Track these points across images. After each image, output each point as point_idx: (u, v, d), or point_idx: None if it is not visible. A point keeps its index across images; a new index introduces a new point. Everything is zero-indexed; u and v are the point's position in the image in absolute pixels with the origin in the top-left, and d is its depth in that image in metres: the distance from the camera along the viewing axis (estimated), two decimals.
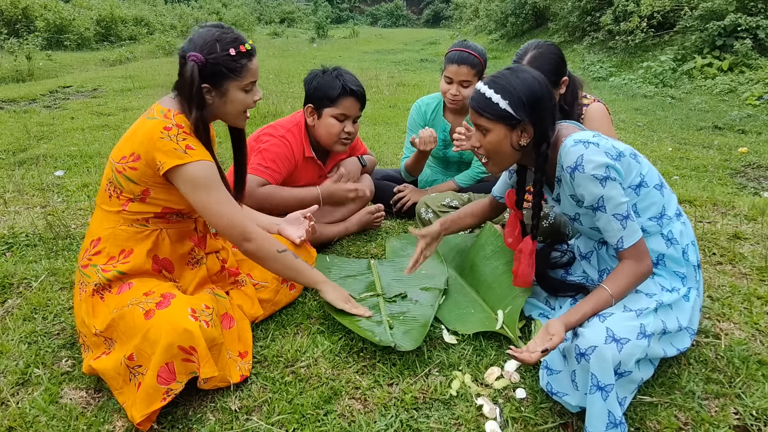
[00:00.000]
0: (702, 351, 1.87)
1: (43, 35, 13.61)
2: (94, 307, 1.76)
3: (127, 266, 1.79)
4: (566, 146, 1.71)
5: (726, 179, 4.55)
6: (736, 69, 8.85)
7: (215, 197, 1.75)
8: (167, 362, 1.56)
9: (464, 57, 2.76)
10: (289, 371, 1.83)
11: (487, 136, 1.77)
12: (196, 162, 1.71)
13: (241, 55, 1.76)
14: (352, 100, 2.52)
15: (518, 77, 1.72)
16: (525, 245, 1.92)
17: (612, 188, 1.65)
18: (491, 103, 1.72)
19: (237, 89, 1.79)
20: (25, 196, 3.48)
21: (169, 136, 1.71)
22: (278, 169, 2.53)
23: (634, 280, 1.69)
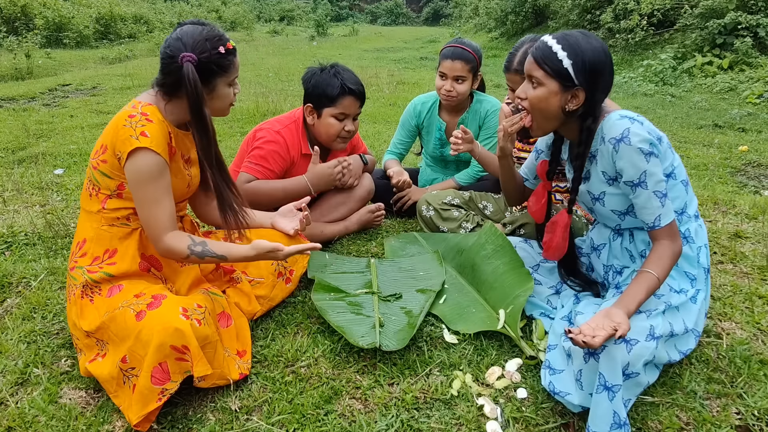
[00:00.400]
0: (703, 351, 1.87)
1: (42, 33, 13.56)
2: (83, 309, 1.75)
3: (114, 267, 1.78)
4: (611, 119, 1.68)
5: (726, 178, 4.54)
6: (737, 67, 8.84)
7: (149, 194, 1.71)
8: (160, 362, 1.55)
9: (458, 52, 2.76)
10: (290, 371, 1.82)
11: (537, 89, 1.72)
12: (142, 150, 1.68)
13: (228, 52, 1.79)
14: (351, 99, 2.52)
15: (589, 42, 1.66)
16: (561, 217, 1.87)
17: (654, 165, 1.63)
18: (554, 58, 1.66)
19: (224, 85, 1.82)
20: (25, 194, 3.47)
21: (131, 123, 1.70)
22: (270, 167, 2.52)
23: (673, 260, 1.66)
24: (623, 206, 1.78)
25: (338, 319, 1.96)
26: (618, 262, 1.88)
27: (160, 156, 1.70)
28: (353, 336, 1.87)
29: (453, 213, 2.69)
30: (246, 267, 2.13)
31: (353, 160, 2.80)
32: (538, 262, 2.13)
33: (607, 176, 1.75)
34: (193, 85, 1.71)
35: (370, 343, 1.83)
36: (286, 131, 2.56)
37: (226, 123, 5.97)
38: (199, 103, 1.73)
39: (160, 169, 1.71)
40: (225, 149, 4.86)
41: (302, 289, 2.32)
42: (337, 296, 2.11)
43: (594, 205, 1.86)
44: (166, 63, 1.75)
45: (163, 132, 1.74)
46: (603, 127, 1.70)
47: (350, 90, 2.49)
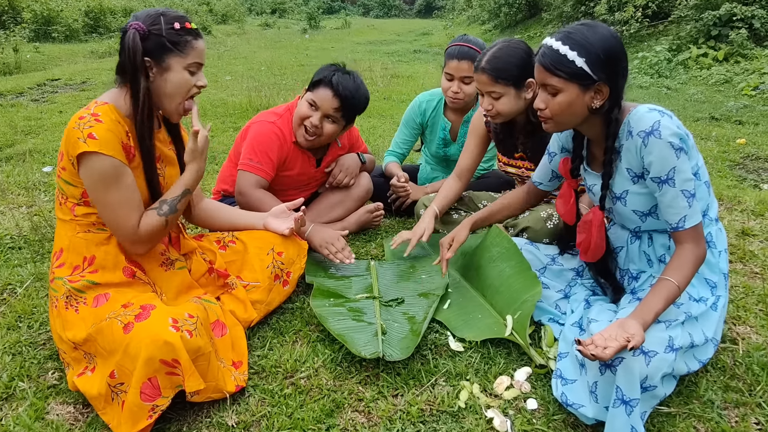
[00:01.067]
0: (719, 357, 1.80)
1: (30, 27, 13.32)
2: (67, 319, 1.66)
3: (97, 275, 1.70)
4: (639, 112, 1.59)
5: (726, 171, 4.49)
6: (732, 59, 8.79)
7: (109, 199, 1.63)
8: (150, 377, 1.46)
9: (464, 52, 2.66)
10: (289, 383, 1.74)
11: (556, 97, 1.62)
12: (91, 154, 1.58)
13: (186, 31, 1.69)
14: (328, 92, 2.39)
15: (595, 32, 1.56)
16: (595, 216, 1.76)
17: (684, 162, 1.54)
18: (566, 60, 1.56)
19: (180, 67, 1.70)
20: (10, 195, 3.36)
21: (79, 126, 1.60)
22: (271, 159, 2.45)
23: (696, 266, 1.57)
24: (646, 206, 1.69)
25: (339, 326, 1.88)
26: (635, 267, 1.81)
27: (111, 158, 1.60)
28: (355, 345, 1.79)
29: (453, 216, 2.61)
30: (241, 271, 2.05)
31: (350, 159, 2.72)
32: (545, 265, 2.06)
33: (632, 173, 1.66)
34: (131, 51, 1.62)
35: (372, 353, 1.75)
36: (281, 121, 2.50)
37: (218, 118, 5.87)
38: (135, 73, 1.63)
39: (115, 171, 1.62)
40: (218, 145, 4.77)
41: (300, 293, 2.24)
42: (336, 302, 2.03)
43: (615, 205, 1.77)
44: (121, 41, 1.66)
45: (116, 131, 1.63)
46: (630, 120, 1.61)
47: (332, 84, 2.39)
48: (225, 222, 2.19)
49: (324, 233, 2.39)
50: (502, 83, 2.13)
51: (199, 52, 1.72)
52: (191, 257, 1.99)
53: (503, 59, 2.12)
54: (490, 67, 2.12)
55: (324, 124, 2.44)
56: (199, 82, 1.75)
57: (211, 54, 12.20)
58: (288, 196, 2.59)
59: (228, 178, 2.62)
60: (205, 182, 3.58)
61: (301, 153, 2.56)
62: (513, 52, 2.14)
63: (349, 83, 2.41)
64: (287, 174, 2.56)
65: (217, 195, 2.70)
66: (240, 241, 2.11)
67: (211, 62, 10.80)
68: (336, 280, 2.23)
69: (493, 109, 2.18)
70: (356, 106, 2.45)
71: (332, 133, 2.48)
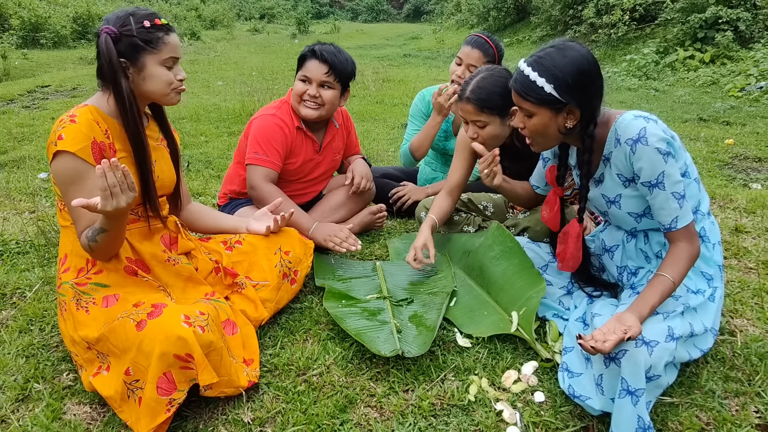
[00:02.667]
0: (719, 349, 1.86)
1: (18, 33, 13.25)
2: (79, 320, 1.69)
3: (103, 276, 1.73)
4: (625, 120, 1.65)
5: (715, 171, 4.57)
6: (718, 61, 8.93)
7: (73, 197, 1.62)
8: (165, 372, 1.49)
9: (479, 42, 2.74)
10: (302, 380, 1.78)
11: (531, 119, 1.70)
12: (59, 154, 1.61)
13: (157, 28, 1.71)
14: (315, 63, 2.49)
15: (565, 56, 1.62)
16: (572, 228, 1.84)
17: (672, 165, 1.60)
18: (535, 87, 1.63)
19: (155, 63, 1.72)
20: (13, 200, 3.37)
21: (56, 129, 1.64)
22: (276, 150, 2.51)
23: (691, 262, 1.63)
24: (640, 208, 1.75)
25: (355, 327, 1.92)
26: (632, 263, 1.86)
27: (74, 157, 1.62)
28: (374, 344, 1.83)
29: (453, 217, 2.65)
30: (249, 271, 2.08)
31: (362, 164, 2.77)
32: (547, 262, 2.11)
33: (623, 178, 1.73)
34: (106, 55, 1.64)
35: (392, 350, 1.78)
36: (280, 112, 2.57)
37: (212, 123, 5.88)
38: (114, 75, 1.66)
39: (76, 171, 1.63)
40: (212, 150, 4.79)
41: (308, 294, 2.28)
42: (348, 302, 2.07)
43: (609, 209, 1.83)
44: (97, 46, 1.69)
45: (89, 132, 1.65)
46: (617, 128, 1.67)
47: (314, 52, 2.49)
48: (209, 224, 2.22)
49: (326, 228, 2.46)
50: (486, 113, 2.15)
51: (172, 47, 1.74)
52: (195, 256, 2.02)
53: (487, 89, 2.14)
54: (475, 97, 2.14)
55: (321, 92, 2.52)
56: (178, 75, 1.78)
57: (202, 60, 12.20)
58: (293, 191, 2.64)
59: (236, 178, 2.65)
60: (207, 187, 3.61)
61: (305, 138, 2.62)
62: (497, 81, 2.15)
63: (331, 48, 2.52)
64: (293, 164, 2.60)
65: (224, 198, 2.73)
66: (247, 242, 2.14)
67: (202, 68, 10.81)
68: (345, 282, 2.26)
69: (479, 138, 2.21)
70: (345, 67, 2.53)
71: (333, 99, 2.55)
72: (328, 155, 2.74)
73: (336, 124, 2.74)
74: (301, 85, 2.52)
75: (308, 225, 2.46)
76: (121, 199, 1.50)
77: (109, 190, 1.47)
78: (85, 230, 1.66)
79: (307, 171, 2.68)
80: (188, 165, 4.34)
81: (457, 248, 2.40)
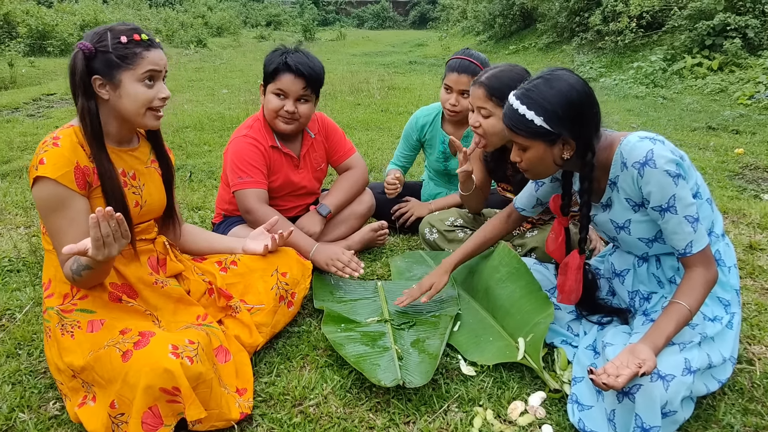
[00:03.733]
0: (737, 379, 1.77)
1: (25, 41, 13.31)
2: (64, 346, 1.63)
3: (88, 302, 1.67)
4: (630, 142, 1.57)
5: (725, 182, 4.48)
6: (726, 68, 8.84)
7: (51, 224, 1.59)
8: (150, 406, 1.43)
9: (465, 65, 2.66)
10: (298, 411, 1.70)
11: (526, 153, 1.65)
12: (39, 180, 1.56)
13: (135, 44, 1.62)
14: (291, 77, 2.38)
15: (552, 87, 1.57)
16: (572, 259, 1.77)
17: (683, 188, 1.52)
18: (525, 120, 1.58)
19: (132, 80, 1.63)
20: (8, 215, 3.31)
21: (39, 151, 1.58)
22: (258, 168, 2.43)
23: (708, 289, 1.55)
24: (651, 233, 1.67)
25: (355, 352, 1.83)
26: (645, 288, 1.78)
27: (56, 183, 1.55)
28: (374, 373, 1.74)
29: (458, 234, 2.58)
30: (244, 294, 2.01)
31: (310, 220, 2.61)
32: (555, 285, 2.02)
33: (632, 202, 1.65)
34: (74, 71, 1.59)
35: (393, 380, 1.70)
36: (252, 131, 2.48)
37: (216, 132, 5.83)
38: (75, 92, 1.61)
39: (57, 198, 1.57)
40: (216, 159, 4.73)
41: (306, 316, 2.20)
42: (348, 326, 1.99)
43: (618, 234, 1.75)
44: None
45: (71, 156, 1.59)
46: (622, 151, 1.60)
47: (289, 66, 2.37)
48: (203, 246, 2.15)
49: (328, 251, 2.36)
50: (494, 102, 2.14)
51: (150, 61, 1.64)
52: (187, 278, 1.96)
53: (502, 80, 2.13)
54: (488, 83, 2.14)
55: (298, 106, 2.44)
56: (160, 94, 1.68)
57: (207, 67, 12.19)
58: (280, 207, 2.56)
59: (226, 196, 2.59)
60: (207, 200, 3.54)
61: (282, 155, 2.54)
62: (514, 76, 2.13)
63: (303, 59, 2.42)
64: (275, 181, 2.53)
65: (219, 216, 2.67)
66: (242, 263, 2.08)
67: (208, 75, 10.79)
68: (345, 303, 2.19)
69: (480, 127, 2.19)
70: (319, 78, 2.45)
71: (309, 112, 2.48)
72: (310, 167, 2.66)
73: (311, 134, 2.64)
74: (277, 101, 2.42)
75: (309, 247, 2.37)
76: (113, 248, 1.45)
77: (102, 240, 1.41)
78: (69, 261, 1.59)
79: (290, 187, 2.59)
80: (191, 175, 4.29)
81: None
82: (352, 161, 2.78)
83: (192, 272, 1.98)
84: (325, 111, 7.10)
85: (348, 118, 6.47)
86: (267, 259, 2.09)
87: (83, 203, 1.62)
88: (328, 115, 2.75)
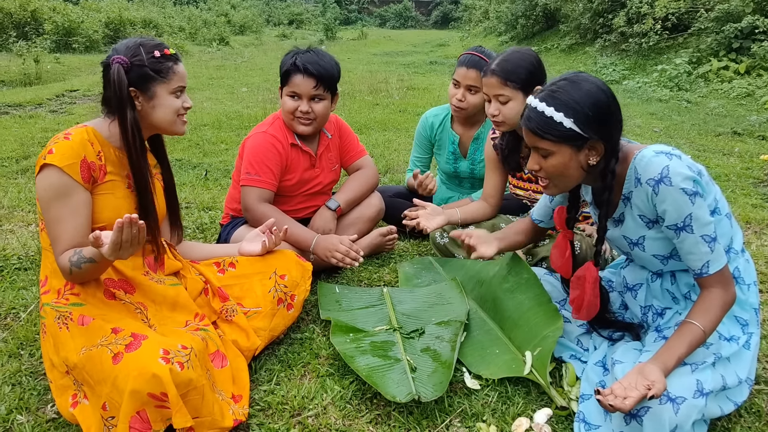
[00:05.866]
0: (754, 401, 1.69)
1: (51, 38, 13.51)
2: (61, 340, 1.62)
3: (79, 297, 1.67)
4: (645, 157, 1.50)
5: (749, 189, 4.36)
6: (754, 72, 8.64)
7: (52, 212, 1.61)
8: (138, 411, 1.41)
9: (475, 61, 2.62)
10: (296, 421, 1.66)
11: (549, 159, 1.55)
12: (46, 167, 1.59)
13: (166, 58, 1.74)
14: (300, 77, 2.39)
15: (580, 88, 1.49)
16: (589, 272, 1.68)
17: (700, 206, 1.45)
18: (553, 123, 1.49)
19: (165, 93, 1.75)
20: (21, 212, 3.33)
21: (49, 144, 1.63)
22: (270, 169, 2.42)
23: (724, 311, 1.48)
24: (666, 250, 1.60)
25: (366, 365, 1.78)
26: (658, 303, 1.71)
27: (61, 172, 1.60)
28: (387, 387, 1.68)
29: None
30: (242, 298, 1.98)
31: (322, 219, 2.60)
32: (566, 297, 1.96)
33: (646, 219, 1.57)
34: (117, 85, 1.66)
35: (407, 395, 1.64)
36: (272, 129, 2.49)
37: (234, 131, 5.85)
38: (121, 105, 1.67)
39: (62, 187, 1.61)
40: (233, 158, 4.73)
41: (310, 323, 2.16)
42: (356, 336, 1.94)
43: (632, 250, 1.67)
44: (104, 75, 1.71)
45: (80, 150, 1.63)
46: (636, 166, 1.52)
47: (297, 67, 2.38)
48: (200, 254, 2.17)
49: (326, 241, 2.36)
50: (511, 86, 2.13)
51: (181, 76, 1.77)
52: (184, 276, 1.96)
53: (513, 62, 2.13)
54: (500, 69, 2.13)
55: (312, 106, 2.43)
56: (185, 103, 1.80)
57: (228, 65, 12.26)
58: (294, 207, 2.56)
59: (236, 195, 2.57)
60: (219, 200, 3.53)
61: (300, 153, 2.53)
62: (523, 56, 2.15)
63: (313, 58, 2.41)
64: (289, 180, 2.52)
65: (227, 217, 2.65)
66: (241, 265, 2.06)
67: (228, 73, 10.85)
68: (351, 312, 2.14)
69: (500, 115, 2.17)
70: (332, 74, 2.44)
71: (325, 110, 2.48)
72: (325, 167, 2.64)
73: (328, 134, 2.63)
74: (292, 102, 2.44)
75: (309, 240, 2.37)
76: (127, 252, 1.51)
77: (120, 244, 1.47)
78: (67, 252, 1.61)
79: (305, 186, 2.58)
80: (206, 174, 4.29)
81: (470, 277, 2.25)
82: (363, 162, 2.77)
83: (189, 271, 1.98)
84: (343, 110, 7.09)
85: (366, 118, 6.43)
86: (265, 261, 2.08)
87: (86, 196, 1.66)
88: (347, 115, 2.75)
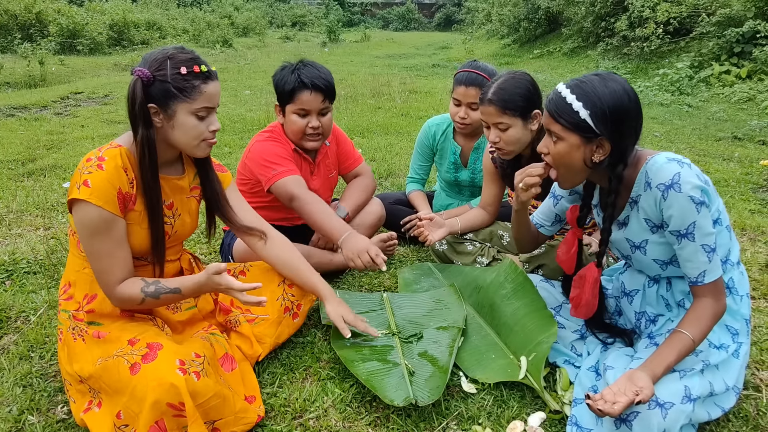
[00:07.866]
0: (742, 406, 1.74)
1: (56, 40, 13.61)
2: (75, 351, 1.67)
3: (93, 315, 1.70)
4: (657, 162, 1.54)
5: (748, 194, 4.39)
6: (755, 76, 8.66)
7: (95, 248, 1.59)
8: (156, 420, 1.45)
9: (472, 78, 2.66)
10: (297, 423, 1.71)
11: (558, 144, 1.60)
12: (81, 203, 1.55)
13: (194, 76, 1.61)
14: (308, 94, 2.40)
15: (606, 86, 1.53)
16: (590, 272, 1.74)
17: (704, 216, 1.50)
18: (570, 109, 1.54)
19: (186, 113, 1.62)
20: (29, 216, 3.39)
21: (82, 169, 1.58)
22: (288, 159, 2.45)
23: (714, 321, 1.53)
24: (667, 255, 1.65)
25: (365, 370, 1.83)
26: (652, 310, 1.76)
27: (100, 209, 1.56)
28: (385, 391, 1.73)
29: (467, 247, 2.57)
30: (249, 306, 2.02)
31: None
32: (561, 303, 2.01)
33: (651, 223, 1.62)
34: (132, 99, 1.58)
35: (405, 398, 1.69)
36: (275, 134, 2.53)
37: (237, 134, 5.89)
38: (134, 121, 1.60)
39: (102, 223, 1.57)
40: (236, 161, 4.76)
41: (311, 327, 2.22)
42: (356, 341, 1.99)
43: (634, 253, 1.72)
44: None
45: (115, 181, 1.59)
46: (648, 171, 1.57)
47: (305, 84, 2.39)
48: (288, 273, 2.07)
49: (356, 243, 2.22)
50: (509, 114, 2.15)
51: (208, 96, 1.64)
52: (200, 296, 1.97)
53: (509, 90, 2.14)
54: (497, 98, 2.14)
55: (321, 120, 2.47)
56: (211, 126, 1.68)
57: (232, 68, 12.32)
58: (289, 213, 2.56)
59: None
60: None
61: (301, 159, 2.57)
62: (518, 83, 2.15)
63: (315, 73, 2.43)
64: None
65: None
66: (251, 274, 2.10)
67: (232, 76, 10.90)
68: None
69: (501, 141, 2.19)
70: (333, 86, 2.48)
71: (330, 123, 2.53)
72: (323, 174, 2.68)
73: (326, 142, 2.67)
74: (301, 121, 2.44)
75: (340, 233, 2.28)
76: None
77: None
78: (132, 283, 1.63)
79: None
80: None
81: (468, 283, 2.31)
82: (361, 169, 2.83)
83: None
84: (345, 114, 7.13)
85: (368, 122, 6.47)
86: (274, 270, 2.09)
87: (124, 225, 1.64)
88: (349, 118, 2.80)
